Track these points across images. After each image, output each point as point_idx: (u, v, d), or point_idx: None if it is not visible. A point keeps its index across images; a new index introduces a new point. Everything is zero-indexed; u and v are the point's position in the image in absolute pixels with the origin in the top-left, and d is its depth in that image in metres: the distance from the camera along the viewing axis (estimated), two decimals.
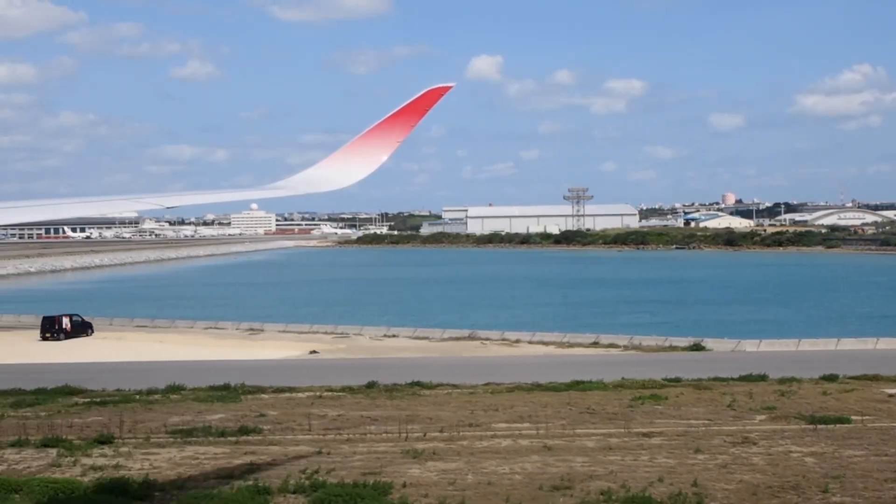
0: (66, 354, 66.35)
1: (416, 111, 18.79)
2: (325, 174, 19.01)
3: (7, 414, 45.14)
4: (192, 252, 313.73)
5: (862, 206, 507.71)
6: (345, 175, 18.86)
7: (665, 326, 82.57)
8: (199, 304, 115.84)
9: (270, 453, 36.63)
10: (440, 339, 72.09)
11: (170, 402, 47.84)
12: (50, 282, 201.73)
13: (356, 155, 18.93)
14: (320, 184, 18.84)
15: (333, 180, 18.81)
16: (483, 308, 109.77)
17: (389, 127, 18.81)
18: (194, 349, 68.34)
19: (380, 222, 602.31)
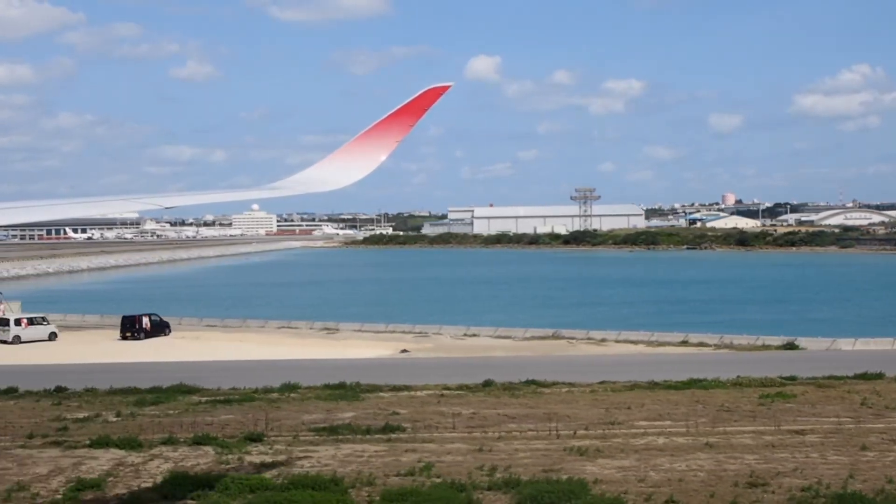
0: (157, 354, 66.47)
1: (415, 111, 18.81)
2: (325, 174, 19.05)
3: (136, 413, 45.17)
4: (202, 252, 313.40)
5: (863, 205, 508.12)
6: (344, 175, 18.89)
7: (729, 325, 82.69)
8: (242, 303, 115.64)
9: (430, 451, 36.70)
10: (523, 338, 72.31)
11: (293, 400, 47.93)
12: (71, 282, 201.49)
13: (355, 155, 18.99)
14: (320, 184, 18.89)
15: (333, 180, 18.85)
16: (530, 308, 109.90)
17: (388, 127, 18.86)
18: (281, 348, 68.45)
19: (380, 223, 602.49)
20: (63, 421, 43.48)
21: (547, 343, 70.39)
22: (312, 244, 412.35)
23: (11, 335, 72.22)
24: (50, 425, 42.59)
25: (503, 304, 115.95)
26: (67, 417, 44.27)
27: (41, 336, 73.43)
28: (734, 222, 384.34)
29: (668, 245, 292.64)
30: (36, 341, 72.68)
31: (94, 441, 38.80)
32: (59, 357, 65.68)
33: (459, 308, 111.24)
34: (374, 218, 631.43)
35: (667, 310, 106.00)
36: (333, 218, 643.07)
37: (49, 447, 38.71)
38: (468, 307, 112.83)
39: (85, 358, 64.70)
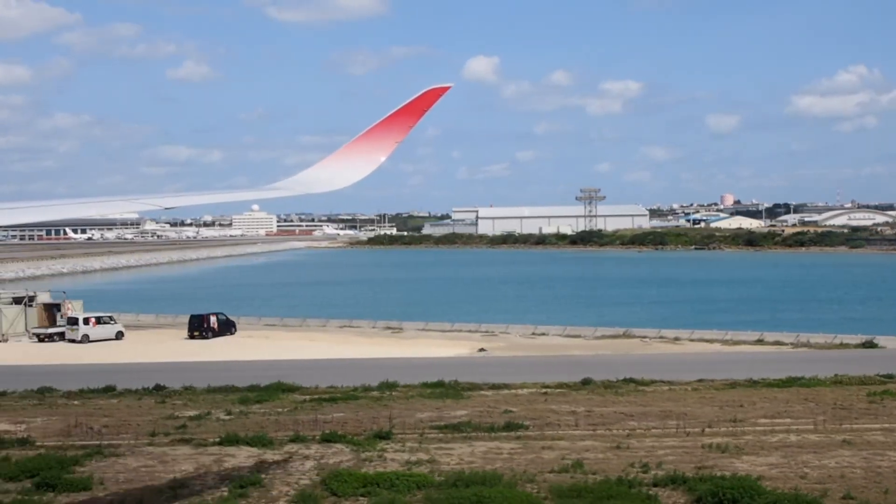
0: (235, 352, 66.61)
1: (415, 112, 18.81)
2: (325, 175, 19.04)
3: (246, 411, 45.22)
4: (210, 253, 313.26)
5: (862, 206, 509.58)
6: (344, 176, 18.90)
7: (785, 323, 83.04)
8: (280, 302, 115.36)
9: (567, 448, 36.83)
10: (593, 336, 72.51)
11: (397, 398, 47.99)
12: (88, 282, 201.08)
13: (355, 156, 18.99)
14: (319, 184, 18.89)
15: (332, 181, 18.85)
16: (569, 308, 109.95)
17: (388, 127, 18.85)
18: (357, 347, 68.49)
19: (380, 223, 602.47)
20: (177, 419, 43.53)
21: (619, 342, 70.59)
22: (316, 244, 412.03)
23: (80, 334, 72.18)
24: (166, 423, 42.62)
25: (537, 304, 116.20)
26: (179, 415, 44.29)
27: (108, 335, 73.40)
28: (738, 223, 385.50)
29: (676, 245, 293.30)
30: (103, 340, 72.64)
31: (224, 438, 38.84)
32: (135, 356, 65.71)
33: (496, 307, 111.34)
34: (373, 218, 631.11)
35: (706, 309, 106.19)
36: (332, 218, 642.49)
37: (178, 444, 38.77)
38: (504, 307, 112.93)
39: (163, 357, 64.75)
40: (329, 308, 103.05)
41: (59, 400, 49.15)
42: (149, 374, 54.95)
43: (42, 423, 43.21)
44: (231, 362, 60.88)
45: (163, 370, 57.26)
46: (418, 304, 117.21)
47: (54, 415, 45.32)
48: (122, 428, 41.86)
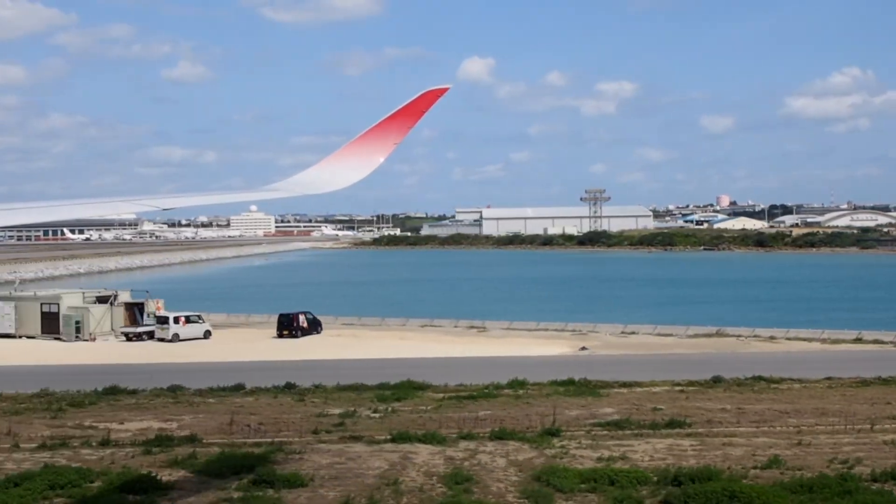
0: (333, 351, 66.81)
1: (414, 113, 18.88)
2: (323, 176, 19.09)
3: (392, 409, 45.28)
4: (220, 253, 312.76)
5: (859, 207, 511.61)
6: (342, 177, 18.95)
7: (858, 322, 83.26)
8: (335, 301, 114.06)
9: (747, 444, 37.09)
10: (685, 335, 72.75)
11: (532, 396, 48.12)
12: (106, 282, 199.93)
13: (353, 157, 19.03)
14: (318, 185, 18.92)
15: (331, 182, 18.90)
16: (633, 307, 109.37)
17: (387, 129, 18.90)
18: (453, 346, 68.58)
19: (377, 224, 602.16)
20: (328, 416, 43.57)
21: (716, 341, 70.83)
22: (321, 245, 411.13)
23: (171, 333, 72.06)
24: (319, 421, 42.64)
25: (589, 304, 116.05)
26: (328, 413, 44.32)
27: (197, 334, 73.27)
28: (742, 223, 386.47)
29: (685, 246, 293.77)
30: (192, 339, 72.52)
31: (396, 436, 38.90)
32: (234, 354, 65.83)
33: (553, 307, 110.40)
34: (370, 219, 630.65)
35: (768, 308, 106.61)
36: (329, 219, 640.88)
37: (350, 442, 38.81)
38: (561, 306, 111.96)
39: (262, 356, 64.85)
40: (385, 307, 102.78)
41: (194, 398, 49.09)
42: (270, 372, 55.06)
43: (193, 421, 43.17)
44: (342, 361, 61.22)
45: (279, 368, 57.48)
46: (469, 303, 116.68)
47: (199, 413, 45.33)
48: (278, 426, 41.85)
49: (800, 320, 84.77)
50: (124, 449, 38.19)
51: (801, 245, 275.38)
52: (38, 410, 46.40)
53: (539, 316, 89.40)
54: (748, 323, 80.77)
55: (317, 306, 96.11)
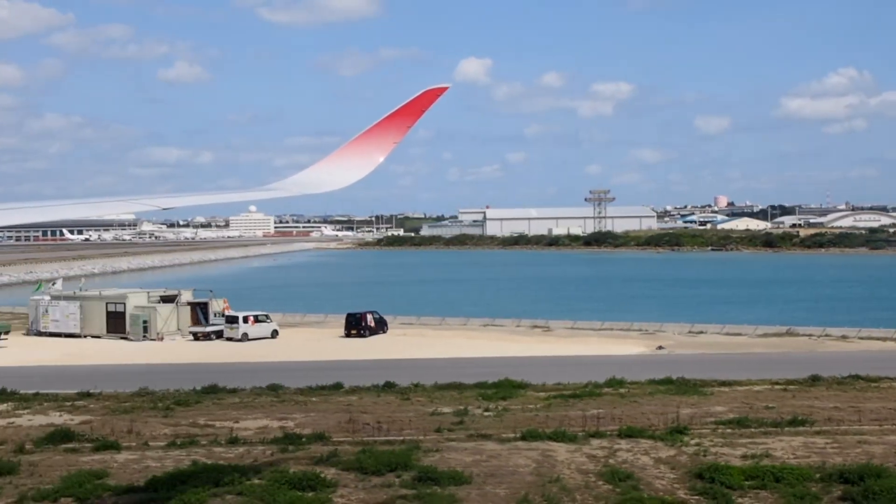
0: (405, 350, 66.97)
1: (413, 112, 18.91)
2: (323, 176, 19.08)
3: (506, 407, 45.39)
4: (228, 254, 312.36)
5: (857, 208, 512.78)
6: (342, 176, 18.96)
7: None
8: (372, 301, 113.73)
9: (879, 442, 37.31)
10: (755, 334, 72.97)
11: (634, 395, 48.20)
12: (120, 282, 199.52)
13: (353, 156, 19.04)
14: (318, 185, 18.91)
15: (331, 181, 18.89)
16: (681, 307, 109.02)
17: (386, 128, 18.92)
18: (528, 345, 68.66)
19: (376, 224, 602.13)
20: (441, 415, 43.65)
21: (788, 340, 71.05)
22: (325, 246, 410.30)
23: (241, 332, 72.00)
24: (434, 419, 42.74)
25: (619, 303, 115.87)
26: (440, 412, 44.40)
27: (265, 333, 73.24)
28: (745, 224, 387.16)
29: (692, 246, 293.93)
30: (260, 339, 72.51)
31: (525, 434, 39.03)
32: (308, 353, 66.19)
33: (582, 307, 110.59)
34: (368, 219, 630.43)
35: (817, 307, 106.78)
36: (327, 220, 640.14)
37: (480, 440, 38.89)
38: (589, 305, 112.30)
39: (338, 354, 65.15)
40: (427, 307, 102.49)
41: (296, 397, 49.14)
42: (360, 371, 55.31)
43: (308, 420, 43.21)
44: (428, 360, 61.58)
45: (366, 367, 57.66)
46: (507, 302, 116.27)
47: (310, 411, 45.35)
48: (397, 424, 41.88)
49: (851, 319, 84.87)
50: (256, 447, 38.27)
51: (809, 246, 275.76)
52: (147, 409, 46.44)
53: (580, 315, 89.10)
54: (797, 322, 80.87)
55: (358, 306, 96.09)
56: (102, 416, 45.19)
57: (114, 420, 43.76)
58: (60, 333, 76.46)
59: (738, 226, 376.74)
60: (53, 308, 77.74)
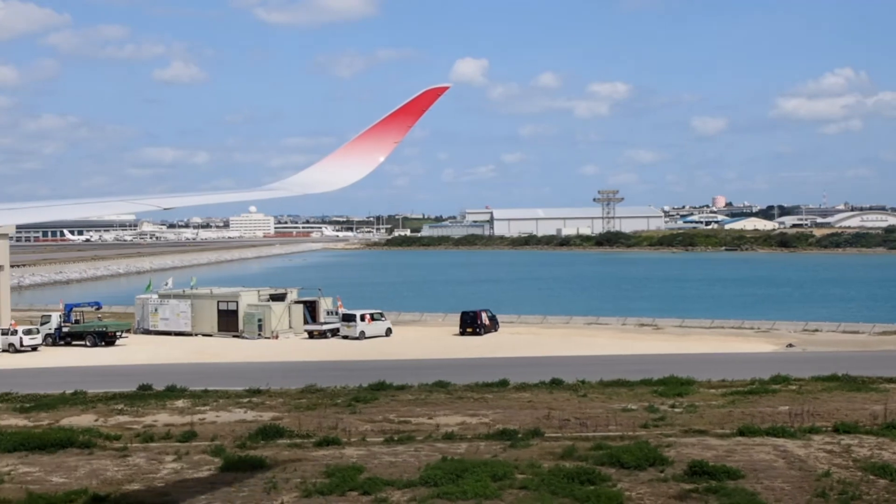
0: (527, 348, 67.15)
1: (414, 112, 19.02)
2: (324, 175, 19.13)
3: (687, 404, 45.50)
4: (242, 254, 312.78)
5: (857, 208, 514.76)
6: (342, 176, 19.01)
7: None
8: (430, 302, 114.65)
9: None
10: (872, 332, 73.32)
11: (812, 391, 48.41)
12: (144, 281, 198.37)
13: (354, 156, 19.09)
14: (318, 185, 18.97)
15: (331, 181, 18.95)
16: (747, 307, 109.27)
17: (387, 128, 19.02)
18: (654, 343, 68.72)
19: (375, 224, 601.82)
20: (632, 411, 43.80)
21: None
22: (332, 246, 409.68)
23: (358, 330, 71.95)
24: (628, 415, 42.85)
25: (677, 302, 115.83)
26: (629, 408, 44.55)
27: (380, 332, 73.21)
28: (752, 224, 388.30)
29: (706, 246, 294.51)
30: (375, 337, 72.49)
31: (744, 429, 39.22)
32: (435, 352, 66.56)
33: (670, 305, 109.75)
34: (369, 220, 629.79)
35: (876, 305, 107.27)
36: (324, 220, 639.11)
37: (696, 435, 39.02)
38: (653, 305, 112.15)
39: (468, 352, 65.40)
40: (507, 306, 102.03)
41: (469, 393, 49.23)
42: (508, 368, 55.54)
43: (501, 416, 43.21)
44: (565, 357, 61.88)
45: (508, 365, 57.75)
46: (570, 301, 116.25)
47: (496, 408, 45.37)
48: (594, 421, 41.94)
49: None
50: (475, 442, 38.26)
51: (825, 246, 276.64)
52: (328, 406, 46.41)
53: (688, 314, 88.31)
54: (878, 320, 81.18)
55: (418, 306, 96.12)
56: (287, 412, 45.16)
57: (301, 416, 43.73)
58: (170, 332, 76.31)
59: (745, 226, 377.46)
60: (163, 306, 77.54)
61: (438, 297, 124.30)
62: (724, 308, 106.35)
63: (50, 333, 70.50)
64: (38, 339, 68.83)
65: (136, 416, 44.83)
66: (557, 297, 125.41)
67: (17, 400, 48.97)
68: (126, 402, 48.09)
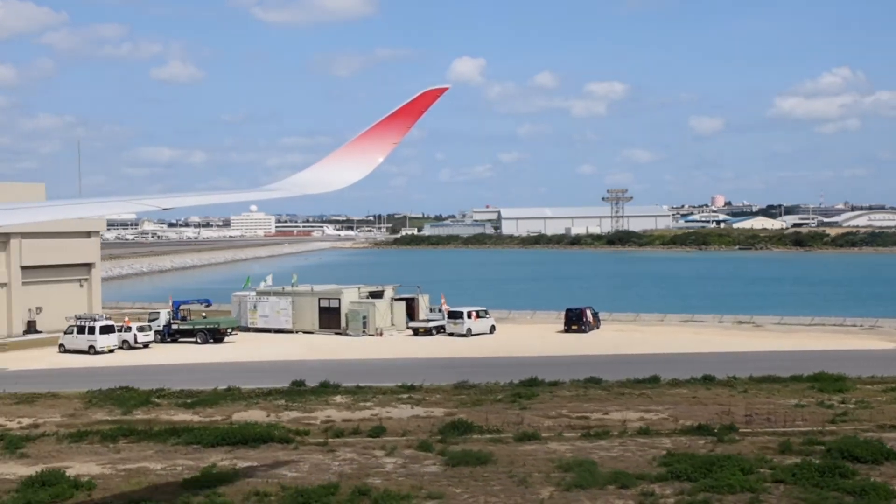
0: (645, 345, 67.07)
1: (413, 112, 19.03)
2: (322, 176, 19.13)
3: (856, 400, 45.54)
4: (256, 253, 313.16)
5: (856, 207, 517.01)
6: (341, 176, 18.99)
7: None
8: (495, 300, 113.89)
9: None
10: None
11: None
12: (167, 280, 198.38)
13: (353, 156, 19.09)
14: (317, 185, 18.96)
15: (331, 182, 18.96)
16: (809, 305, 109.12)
17: (386, 129, 19.02)
18: (759, 340, 68.57)
19: (376, 224, 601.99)
20: (805, 407, 43.84)
21: None
22: (341, 245, 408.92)
23: (465, 327, 71.83)
24: (805, 411, 42.87)
25: (740, 300, 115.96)
26: (804, 404, 44.55)
27: (484, 329, 73.07)
28: (760, 223, 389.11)
29: (720, 246, 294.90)
30: (480, 334, 72.40)
31: None
32: (551, 348, 66.54)
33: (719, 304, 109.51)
34: (368, 219, 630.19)
35: None
36: (321, 220, 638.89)
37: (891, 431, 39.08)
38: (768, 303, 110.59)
39: (586, 349, 65.32)
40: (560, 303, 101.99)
41: (622, 389, 49.25)
42: (637, 365, 55.53)
43: (677, 412, 43.17)
44: (694, 354, 61.94)
45: (633, 362, 57.94)
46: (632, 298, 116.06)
47: (662, 403, 45.34)
48: (775, 416, 41.97)
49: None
50: (676, 437, 38.22)
51: (841, 245, 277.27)
52: (492, 402, 46.37)
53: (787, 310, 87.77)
54: None
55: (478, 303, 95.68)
56: (454, 407, 45.07)
57: (472, 412, 43.66)
58: (269, 329, 76.02)
59: (754, 225, 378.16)
60: (262, 304, 77.21)
61: (501, 296, 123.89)
62: (799, 306, 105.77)
63: (158, 330, 70.17)
64: (151, 336, 68.54)
65: (305, 412, 44.65)
66: (622, 295, 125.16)
67: (172, 396, 48.71)
68: (285, 397, 47.88)
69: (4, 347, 68.91)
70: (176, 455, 36.55)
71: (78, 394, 49.45)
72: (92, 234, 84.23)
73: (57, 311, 76.32)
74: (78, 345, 65.24)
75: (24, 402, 47.49)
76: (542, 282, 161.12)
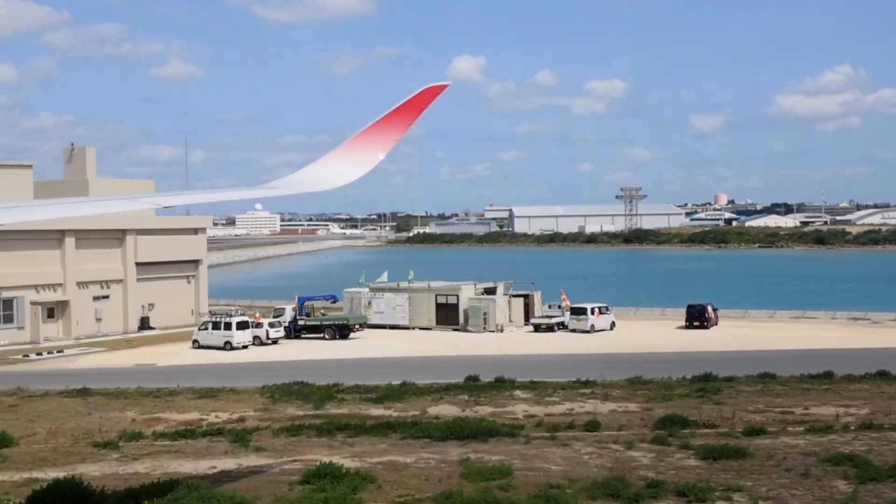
0: (776, 340, 67.03)
1: (413, 109, 19.10)
2: (323, 173, 19.20)
3: None
4: (276, 251, 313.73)
5: (861, 206, 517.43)
6: (343, 174, 19.06)
7: None
8: None
9: None
10: None
11: None
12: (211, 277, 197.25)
13: (354, 154, 19.16)
14: (318, 183, 19.01)
15: (331, 179, 19.01)
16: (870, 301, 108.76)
17: (387, 126, 19.09)
18: (891, 337, 69.12)
19: (378, 222, 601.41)
20: None
21: None
22: (353, 244, 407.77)
23: (589, 324, 71.65)
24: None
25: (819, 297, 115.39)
26: None
27: (605, 325, 72.87)
28: (774, 221, 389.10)
29: (739, 244, 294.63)
30: (602, 330, 72.19)
31: None
32: (684, 344, 66.43)
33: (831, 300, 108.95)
34: (372, 217, 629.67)
35: None
36: (322, 218, 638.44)
37: None
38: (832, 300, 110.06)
39: (722, 345, 65.19)
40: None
41: (800, 385, 49.16)
42: (792, 361, 55.29)
43: (872, 408, 42.97)
44: (834, 350, 62.01)
45: (788, 358, 57.57)
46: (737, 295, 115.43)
47: (855, 399, 45.15)
48: None
49: None
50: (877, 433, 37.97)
51: (863, 243, 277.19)
52: (682, 397, 46.24)
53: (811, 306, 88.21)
54: None
55: None
56: (646, 402, 44.82)
57: (668, 407, 43.45)
58: (384, 325, 75.74)
59: (767, 223, 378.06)
60: (377, 300, 76.95)
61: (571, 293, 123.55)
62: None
63: (285, 326, 69.80)
64: (281, 332, 68.13)
65: (498, 407, 44.29)
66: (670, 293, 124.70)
67: (350, 391, 48.23)
68: (465, 392, 47.51)
69: (132, 343, 68.41)
70: (414, 448, 35.99)
71: (255, 388, 48.97)
72: (199, 231, 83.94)
73: (167, 308, 76.02)
74: (213, 341, 64.77)
75: (207, 397, 47.01)
76: (599, 279, 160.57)
